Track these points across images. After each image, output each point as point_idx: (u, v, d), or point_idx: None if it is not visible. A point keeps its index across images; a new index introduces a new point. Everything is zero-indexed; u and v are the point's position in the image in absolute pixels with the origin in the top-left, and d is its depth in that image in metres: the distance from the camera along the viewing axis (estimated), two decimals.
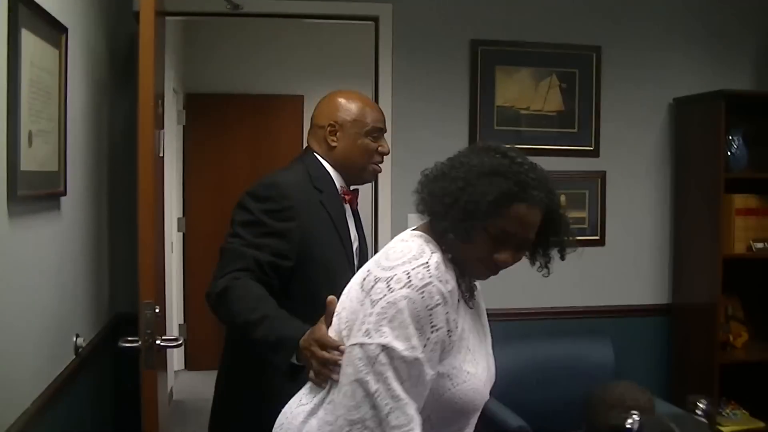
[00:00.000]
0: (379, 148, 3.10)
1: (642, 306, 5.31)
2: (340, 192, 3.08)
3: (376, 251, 4.90)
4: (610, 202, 5.27)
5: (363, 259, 3.10)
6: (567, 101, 5.19)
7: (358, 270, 2.42)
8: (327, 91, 8.71)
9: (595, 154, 5.24)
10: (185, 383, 7.76)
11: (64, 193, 3.25)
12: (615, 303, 5.28)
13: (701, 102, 5.14)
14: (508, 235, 2.10)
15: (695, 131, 5.20)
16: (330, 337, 2.16)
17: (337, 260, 2.96)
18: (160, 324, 3.32)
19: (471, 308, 2.25)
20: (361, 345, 1.97)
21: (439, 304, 1.98)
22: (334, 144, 3.05)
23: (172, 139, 7.45)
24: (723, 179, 4.94)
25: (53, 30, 3.01)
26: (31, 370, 2.79)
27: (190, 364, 8.31)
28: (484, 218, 2.04)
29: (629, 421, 2.38)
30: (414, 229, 2.21)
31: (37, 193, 2.86)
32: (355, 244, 3.14)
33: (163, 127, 4.30)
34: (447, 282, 2.02)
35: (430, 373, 1.99)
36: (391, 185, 4.83)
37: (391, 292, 1.97)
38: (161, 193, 4.12)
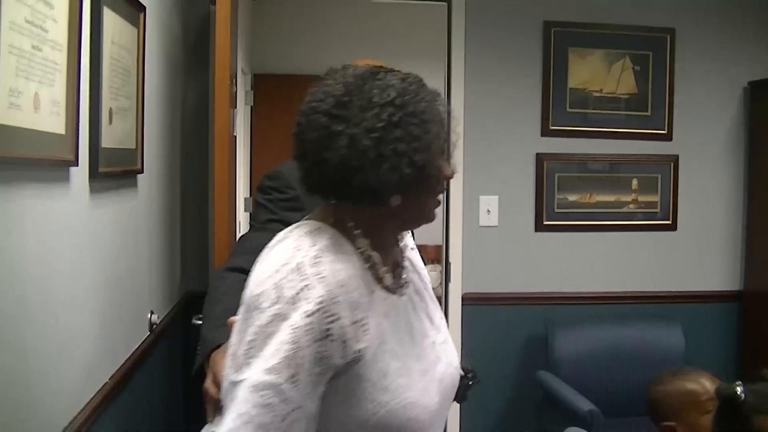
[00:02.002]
0: None
1: (713, 292, 5.25)
2: None
3: (447, 237, 4.93)
4: (683, 187, 5.20)
5: None
6: (640, 84, 5.13)
7: None
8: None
9: (668, 137, 5.18)
10: None
11: (141, 171, 3.28)
12: (686, 288, 5.21)
13: None
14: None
15: None
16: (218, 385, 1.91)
17: None
18: None
19: (401, 295, 1.78)
20: (232, 383, 1.55)
21: (318, 310, 1.53)
22: None
23: (240, 119, 7.48)
24: None
25: (132, 8, 3.03)
26: (109, 345, 2.82)
27: None
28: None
29: (738, 389, 2.34)
30: (300, 224, 1.77)
31: (116, 170, 2.88)
32: None
33: (236, 107, 4.31)
34: (330, 276, 1.57)
35: (309, 406, 1.54)
36: (464, 167, 4.79)
37: (261, 313, 1.55)
38: (234, 173, 4.13)
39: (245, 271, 1.74)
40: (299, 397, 1.51)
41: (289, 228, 1.74)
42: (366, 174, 1.62)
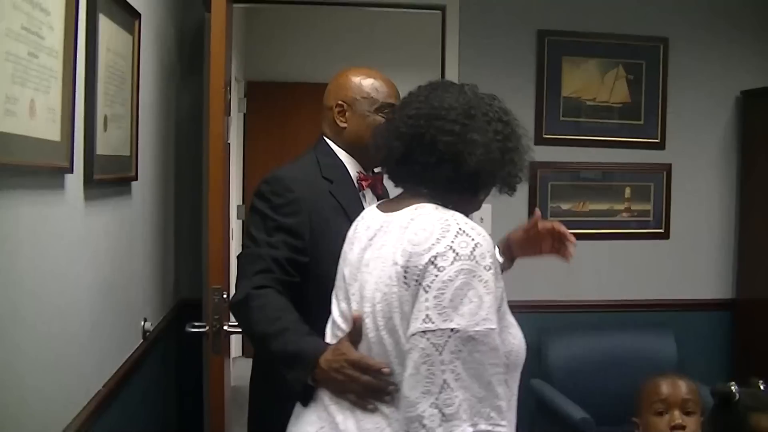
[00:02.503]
0: None
1: (706, 300, 5.26)
2: (356, 178, 2.85)
3: None
4: (676, 195, 5.22)
5: None
6: (633, 93, 5.14)
7: None
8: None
9: (661, 146, 5.19)
10: (242, 370, 7.79)
11: (135, 178, 3.28)
12: (678, 297, 5.22)
13: None
14: None
15: (763, 124, 5.12)
16: (371, 359, 2.00)
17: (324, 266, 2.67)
18: (225, 310, 3.32)
19: None
20: (424, 332, 1.83)
21: (492, 263, 1.89)
22: (343, 125, 2.84)
23: (233, 127, 7.49)
24: None
25: (128, 15, 3.04)
26: (102, 352, 2.82)
27: (247, 351, 8.36)
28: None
29: (733, 388, 2.36)
30: (410, 204, 2.07)
31: (111, 177, 2.88)
32: None
33: (230, 114, 4.32)
34: (485, 237, 1.92)
35: (500, 342, 1.90)
36: None
37: (442, 271, 1.85)
38: (228, 180, 4.14)
39: (271, 288, 2.36)
40: (496, 331, 1.89)
41: (412, 207, 2.05)
42: (495, 174, 2.10)
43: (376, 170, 2.90)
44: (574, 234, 5.10)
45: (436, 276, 1.85)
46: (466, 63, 4.91)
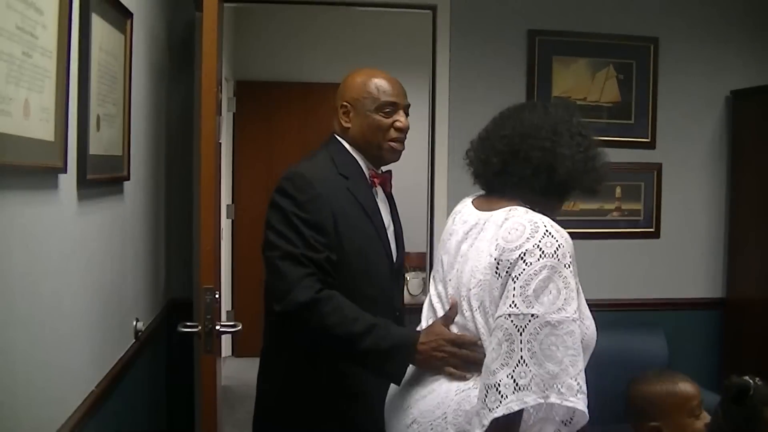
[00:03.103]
0: (395, 123, 2.92)
1: (696, 299, 5.27)
2: (368, 176, 2.96)
3: (431, 245, 4.92)
4: (666, 195, 5.22)
5: (399, 243, 3.05)
6: (623, 92, 5.15)
7: (396, 256, 2.90)
8: None
9: (651, 146, 5.20)
10: (232, 369, 7.79)
11: (128, 178, 3.28)
12: (669, 296, 5.24)
13: (759, 95, 5.08)
14: None
15: (752, 124, 5.14)
16: (465, 335, 2.33)
17: (372, 248, 2.87)
18: (216, 310, 3.32)
19: None
20: (509, 315, 2.19)
21: (571, 261, 2.24)
22: (347, 125, 2.96)
23: (223, 126, 7.48)
24: None
25: (120, 15, 3.03)
26: (95, 353, 2.81)
27: (237, 350, 8.36)
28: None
29: (750, 382, 2.37)
30: (504, 205, 2.40)
31: (104, 177, 2.87)
32: (390, 229, 3.01)
33: (221, 114, 4.31)
34: (566, 239, 2.26)
35: (577, 329, 2.23)
36: (448, 175, 4.81)
37: (529, 266, 2.20)
38: (219, 180, 4.13)
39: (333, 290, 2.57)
40: (577, 322, 2.23)
41: (507, 209, 2.35)
42: (581, 181, 2.43)
43: (384, 169, 3.04)
44: None
45: (524, 269, 2.21)
46: (457, 63, 4.92)
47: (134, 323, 3.45)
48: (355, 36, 8.35)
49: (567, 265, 2.22)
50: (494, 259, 2.28)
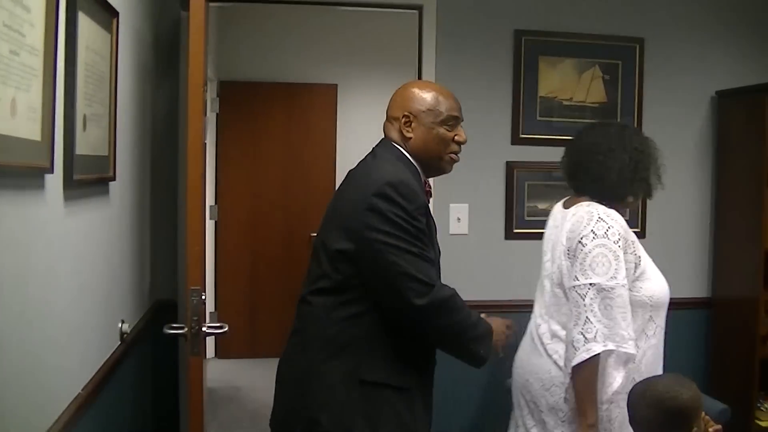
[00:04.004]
0: (456, 137, 3.06)
1: (682, 299, 5.24)
2: (424, 185, 3.08)
3: None
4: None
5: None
6: (609, 92, 5.15)
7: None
8: (361, 80, 8.73)
9: None
10: (216, 371, 7.77)
11: (114, 178, 3.25)
12: None
13: (745, 95, 5.10)
14: None
15: (738, 124, 5.16)
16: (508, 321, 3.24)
17: (436, 258, 3.02)
18: (203, 311, 3.30)
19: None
20: (574, 287, 3.17)
21: (619, 239, 3.16)
22: (409, 135, 3.02)
23: (207, 127, 7.46)
24: (766, 173, 4.89)
25: (106, 14, 3.00)
26: (81, 355, 2.79)
27: (220, 352, 8.33)
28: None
29: None
30: (578, 202, 3.39)
31: (90, 178, 2.84)
32: None
33: (206, 114, 4.29)
34: (617, 221, 3.20)
35: (626, 292, 3.14)
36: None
37: (585, 246, 3.16)
38: (204, 181, 4.11)
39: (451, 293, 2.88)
40: (626, 287, 3.14)
41: (578, 204, 3.36)
42: (631, 188, 3.37)
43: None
44: None
45: (582, 250, 3.18)
46: (443, 63, 4.91)
47: (120, 325, 3.42)
48: (340, 36, 8.33)
49: (616, 241, 3.13)
50: (565, 247, 3.27)
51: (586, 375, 3.11)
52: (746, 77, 5.23)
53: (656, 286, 3.30)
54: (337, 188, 3.19)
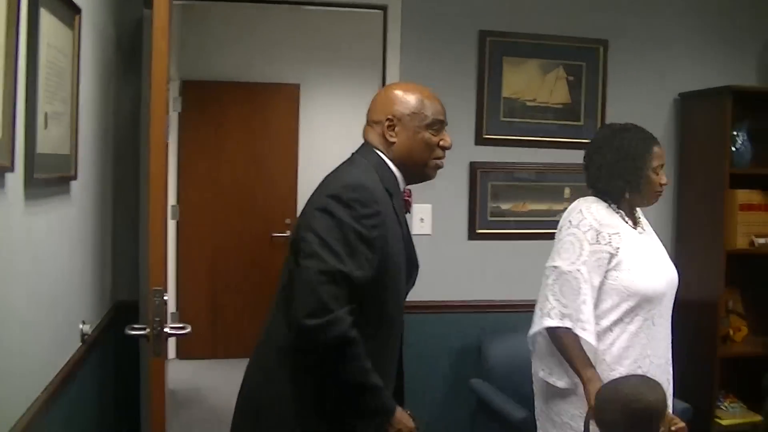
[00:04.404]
0: (441, 142, 2.90)
1: None
2: (403, 193, 2.95)
3: None
4: None
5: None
6: (573, 94, 5.18)
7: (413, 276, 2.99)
8: (324, 80, 8.67)
9: None
10: (177, 372, 7.71)
11: (75, 177, 3.21)
12: None
13: (707, 97, 5.15)
14: (660, 166, 3.54)
15: (700, 126, 5.20)
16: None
17: (404, 271, 2.86)
18: (165, 312, 3.26)
19: (640, 232, 3.57)
20: (546, 268, 3.48)
21: (590, 229, 3.39)
22: (393, 139, 2.84)
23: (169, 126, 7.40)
24: (728, 174, 4.93)
25: (68, 11, 2.96)
26: (41, 356, 2.75)
27: (182, 353, 8.28)
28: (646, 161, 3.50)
29: None
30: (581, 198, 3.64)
31: (51, 177, 2.81)
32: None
33: (169, 113, 4.25)
34: (593, 214, 3.43)
35: (589, 277, 3.35)
36: None
37: (561, 233, 3.51)
38: (167, 180, 4.07)
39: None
40: (587, 274, 3.35)
41: (578, 199, 3.62)
42: (609, 184, 3.52)
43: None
44: (514, 234, 5.14)
45: (558, 236, 3.52)
46: (408, 63, 4.90)
47: (81, 326, 3.38)
48: (303, 36, 8.30)
49: (585, 232, 3.38)
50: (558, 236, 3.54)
51: (557, 345, 3.40)
52: (708, 79, 5.27)
53: (638, 278, 3.39)
54: None
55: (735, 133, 5.07)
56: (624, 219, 3.53)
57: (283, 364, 2.71)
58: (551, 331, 3.39)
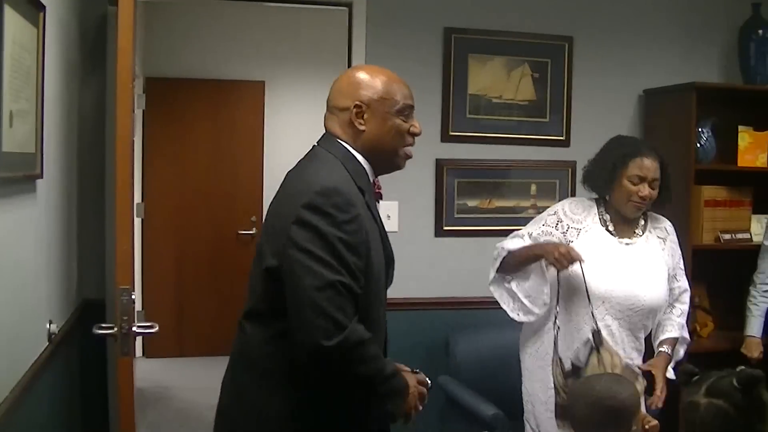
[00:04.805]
0: (411, 129, 2.72)
1: None
2: (373, 185, 2.78)
3: None
4: (580, 192, 5.24)
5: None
6: (539, 91, 5.19)
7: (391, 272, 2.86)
8: (289, 77, 8.65)
9: (565, 144, 5.26)
10: (143, 371, 7.67)
11: (41, 176, 3.18)
12: None
13: (672, 93, 5.18)
14: (639, 178, 3.63)
15: (665, 123, 5.23)
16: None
17: (384, 270, 2.74)
18: (132, 311, 3.24)
19: (623, 242, 3.74)
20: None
21: (554, 215, 3.82)
22: (362, 127, 2.64)
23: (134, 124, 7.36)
24: (693, 171, 4.97)
25: (32, 8, 2.93)
26: (8, 357, 2.72)
27: (148, 351, 8.24)
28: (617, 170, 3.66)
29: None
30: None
31: (17, 176, 2.78)
32: None
33: (134, 111, 4.23)
34: (563, 207, 3.85)
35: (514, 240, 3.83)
36: None
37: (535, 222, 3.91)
38: (133, 178, 4.05)
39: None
40: (523, 238, 3.79)
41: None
42: (592, 181, 3.85)
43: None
44: (481, 231, 5.15)
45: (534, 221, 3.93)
46: (373, 60, 4.88)
47: (48, 325, 3.35)
48: (268, 32, 8.29)
49: (550, 215, 3.82)
50: None
51: (506, 272, 3.88)
52: (673, 76, 5.31)
53: (589, 276, 3.55)
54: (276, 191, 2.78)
55: (699, 129, 5.10)
56: (603, 221, 3.77)
57: (254, 379, 2.62)
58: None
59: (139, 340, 7.64)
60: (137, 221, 8.05)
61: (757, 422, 2.36)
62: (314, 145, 2.75)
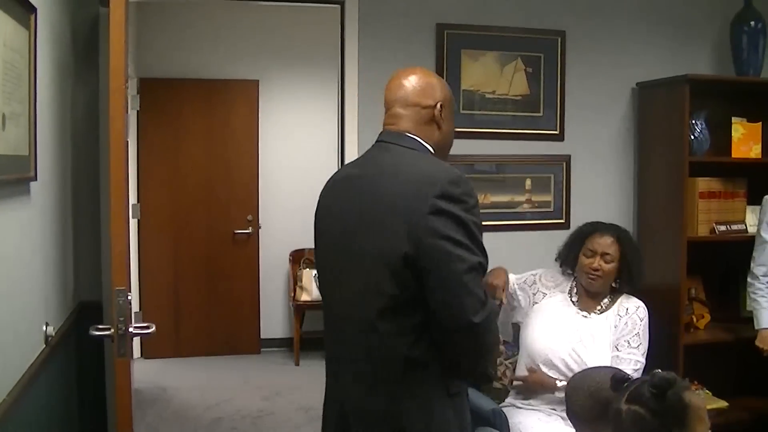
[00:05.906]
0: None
1: None
2: None
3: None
4: (575, 186, 5.29)
5: None
6: (532, 85, 5.19)
7: None
8: (283, 75, 8.65)
9: (559, 138, 5.26)
10: (141, 372, 7.67)
11: (35, 178, 3.17)
12: None
13: (665, 86, 5.18)
14: (592, 252, 4.17)
15: (659, 115, 5.23)
16: None
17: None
18: (128, 312, 3.24)
19: (581, 314, 4.23)
20: None
21: (535, 275, 4.43)
22: (444, 126, 2.80)
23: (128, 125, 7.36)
24: (687, 163, 4.97)
25: (24, 10, 2.93)
26: (6, 359, 2.72)
27: (146, 352, 8.24)
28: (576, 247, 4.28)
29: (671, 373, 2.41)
30: None
31: (10, 178, 2.78)
32: None
33: (128, 111, 4.22)
34: (546, 273, 4.46)
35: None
36: None
37: None
38: (127, 179, 4.04)
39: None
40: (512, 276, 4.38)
41: None
42: (561, 259, 4.51)
43: None
44: None
45: None
46: (366, 57, 4.90)
47: (44, 328, 3.35)
48: (261, 31, 8.30)
49: (533, 273, 4.47)
50: None
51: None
52: (666, 69, 5.31)
53: (524, 330, 4.38)
54: (323, 192, 2.92)
55: (693, 121, 5.10)
56: (570, 293, 4.38)
57: (410, 375, 2.65)
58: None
59: (137, 341, 7.67)
60: (133, 222, 8.06)
61: (674, 426, 2.36)
62: (386, 141, 2.79)
